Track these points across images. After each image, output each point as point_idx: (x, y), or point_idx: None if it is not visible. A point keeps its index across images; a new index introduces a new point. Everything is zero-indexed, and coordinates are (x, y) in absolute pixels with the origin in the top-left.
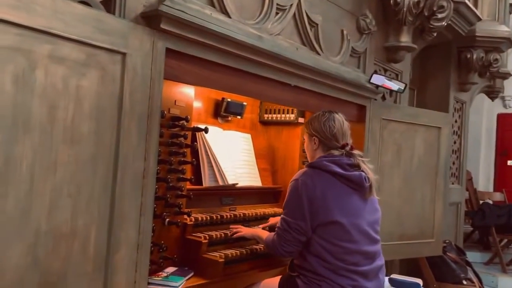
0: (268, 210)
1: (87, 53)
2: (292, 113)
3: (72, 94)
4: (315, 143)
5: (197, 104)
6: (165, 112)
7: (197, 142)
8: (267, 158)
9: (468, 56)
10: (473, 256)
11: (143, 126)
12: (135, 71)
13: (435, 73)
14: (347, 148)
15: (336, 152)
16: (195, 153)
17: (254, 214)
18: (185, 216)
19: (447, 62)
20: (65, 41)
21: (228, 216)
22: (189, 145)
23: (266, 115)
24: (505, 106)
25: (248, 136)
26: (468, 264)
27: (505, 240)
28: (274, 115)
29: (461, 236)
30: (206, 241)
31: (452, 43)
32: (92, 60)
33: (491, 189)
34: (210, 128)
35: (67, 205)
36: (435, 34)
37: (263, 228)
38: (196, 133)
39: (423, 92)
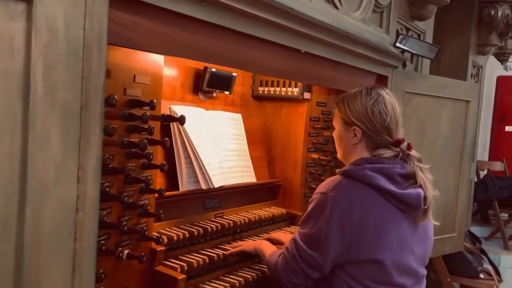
0: (264, 212)
1: None
2: (295, 86)
3: None
4: (355, 135)
5: (169, 75)
6: (115, 97)
7: (172, 135)
8: (262, 143)
9: (492, 13)
10: (472, 230)
11: (72, 126)
12: (53, 32)
13: (453, 33)
14: (403, 146)
15: (387, 153)
16: (169, 148)
17: (247, 221)
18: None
19: (468, 20)
20: None
21: (214, 228)
22: (157, 141)
23: (261, 88)
24: (505, 68)
25: (239, 116)
26: (483, 252)
27: (507, 215)
28: (272, 89)
29: (470, 217)
30: (183, 276)
31: None
32: None
33: (486, 157)
34: (189, 109)
35: None
36: None
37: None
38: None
39: (438, 56)
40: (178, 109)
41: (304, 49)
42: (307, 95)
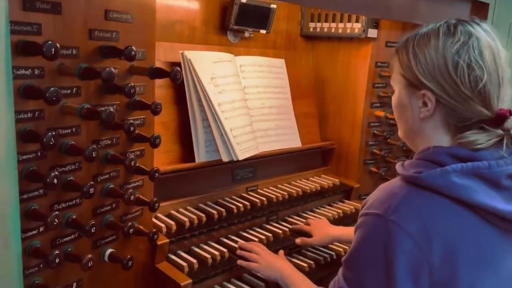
0: (310, 183)
1: None
2: (357, 21)
3: None
4: (425, 104)
5: (185, 9)
6: (55, 46)
7: (186, 90)
8: (311, 97)
9: None
10: None
11: None
12: None
13: None
14: (510, 124)
15: (481, 140)
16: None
17: (286, 197)
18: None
19: None
20: None
21: (241, 209)
22: (144, 105)
23: (312, 25)
24: None
25: (281, 62)
26: None
27: None
28: (326, 25)
29: None
30: (189, 281)
31: None
32: None
33: None
34: (211, 55)
35: None
36: None
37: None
38: (184, 66)
39: None
40: (194, 56)
41: None
42: (372, 33)
